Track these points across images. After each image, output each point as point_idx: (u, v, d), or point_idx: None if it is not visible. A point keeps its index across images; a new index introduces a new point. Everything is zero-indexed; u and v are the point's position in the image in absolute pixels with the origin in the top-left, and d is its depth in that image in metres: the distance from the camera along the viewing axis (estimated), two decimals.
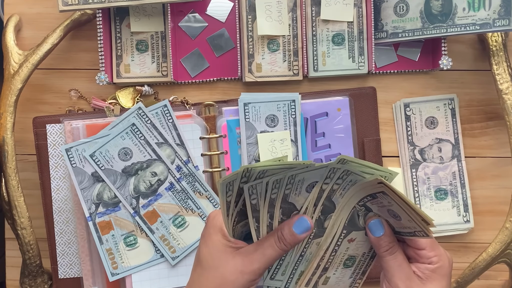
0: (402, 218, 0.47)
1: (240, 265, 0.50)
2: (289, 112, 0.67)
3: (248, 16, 0.69)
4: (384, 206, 0.48)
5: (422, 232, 0.47)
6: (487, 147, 0.73)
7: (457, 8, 0.66)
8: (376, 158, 0.70)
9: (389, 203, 0.46)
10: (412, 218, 0.46)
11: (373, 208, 0.50)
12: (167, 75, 0.70)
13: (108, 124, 0.67)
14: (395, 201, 0.46)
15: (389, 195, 0.45)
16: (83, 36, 0.73)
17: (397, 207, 0.46)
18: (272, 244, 0.50)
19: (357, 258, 0.53)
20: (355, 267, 0.53)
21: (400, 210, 0.46)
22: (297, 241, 0.50)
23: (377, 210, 0.50)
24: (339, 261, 0.52)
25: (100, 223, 0.66)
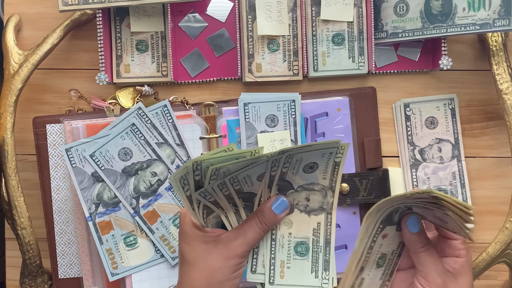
0: (449, 222, 0.48)
1: (224, 252, 0.51)
2: (289, 112, 0.67)
3: (248, 16, 0.69)
4: (430, 210, 0.48)
5: (463, 233, 0.47)
6: (487, 147, 0.73)
7: (457, 8, 0.66)
8: (376, 158, 0.70)
9: (445, 214, 0.47)
10: (458, 224, 0.46)
11: (417, 210, 0.50)
12: (167, 75, 0.70)
13: (108, 124, 0.67)
14: (451, 215, 0.46)
15: (446, 208, 0.46)
16: (83, 36, 0.73)
17: (450, 218, 0.46)
18: (253, 226, 0.52)
19: (387, 256, 0.53)
20: (385, 267, 0.54)
21: (450, 219, 0.47)
22: (277, 221, 0.53)
23: (421, 211, 0.50)
24: (373, 260, 0.53)
25: (100, 223, 0.66)
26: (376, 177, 0.69)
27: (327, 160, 0.52)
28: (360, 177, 0.69)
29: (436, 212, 0.48)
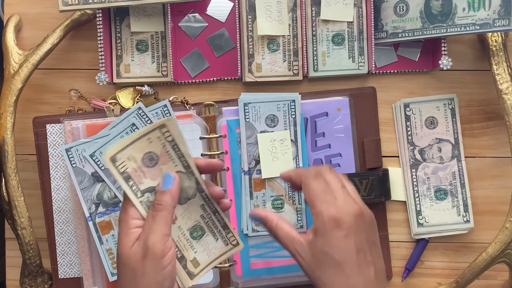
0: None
1: (139, 251, 0.50)
2: (289, 112, 0.67)
3: (248, 16, 0.69)
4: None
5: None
6: (487, 147, 0.73)
7: (457, 8, 0.66)
8: (376, 158, 0.70)
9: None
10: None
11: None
12: (167, 75, 0.70)
13: (108, 124, 0.67)
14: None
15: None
16: (83, 36, 0.73)
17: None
18: (150, 214, 0.51)
19: (200, 224, 0.56)
20: (208, 232, 0.57)
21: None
22: (171, 195, 0.52)
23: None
24: (187, 240, 0.57)
25: (100, 223, 0.66)
26: (376, 177, 0.69)
27: (163, 146, 0.52)
28: (360, 177, 0.69)
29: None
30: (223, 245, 0.57)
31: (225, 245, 0.57)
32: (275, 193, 0.67)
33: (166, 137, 0.52)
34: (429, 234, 0.71)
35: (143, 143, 0.51)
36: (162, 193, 0.52)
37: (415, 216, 0.71)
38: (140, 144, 0.51)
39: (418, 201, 0.71)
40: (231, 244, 0.57)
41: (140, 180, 0.52)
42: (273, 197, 0.67)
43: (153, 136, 0.51)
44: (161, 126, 0.51)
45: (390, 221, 0.72)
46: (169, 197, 0.52)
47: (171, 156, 0.53)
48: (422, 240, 0.72)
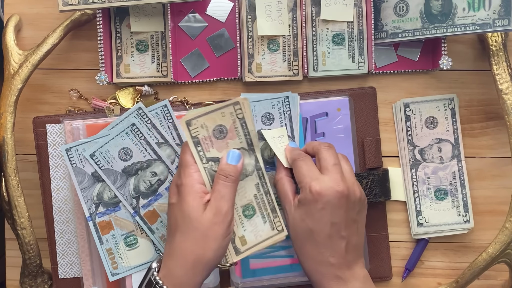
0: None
1: (211, 217, 0.55)
2: (284, 108, 0.68)
3: (248, 16, 0.69)
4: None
5: None
6: (487, 147, 0.73)
7: (457, 8, 0.66)
8: (376, 158, 0.70)
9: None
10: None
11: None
12: (167, 75, 0.70)
13: (108, 124, 0.67)
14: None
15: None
16: (83, 36, 0.73)
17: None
18: (222, 183, 0.56)
19: (253, 203, 0.62)
20: (259, 212, 0.62)
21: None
22: (239, 170, 0.57)
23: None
24: (239, 215, 0.62)
25: (100, 223, 0.66)
26: (376, 177, 0.69)
27: (233, 122, 0.58)
28: (360, 177, 0.69)
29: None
30: (269, 229, 0.61)
31: (271, 229, 0.61)
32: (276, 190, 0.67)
33: (237, 114, 0.58)
34: (429, 234, 0.71)
35: (217, 116, 0.57)
36: (234, 166, 0.57)
37: (415, 216, 0.71)
38: (214, 116, 0.57)
39: (418, 201, 0.71)
40: (276, 229, 0.61)
41: (208, 148, 0.58)
42: (275, 194, 0.67)
43: (226, 111, 0.57)
44: (236, 103, 0.57)
45: (390, 221, 0.72)
46: (238, 171, 0.57)
47: (238, 133, 0.58)
48: (422, 240, 0.72)
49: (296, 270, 0.69)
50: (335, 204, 0.57)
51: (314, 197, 0.57)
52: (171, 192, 0.58)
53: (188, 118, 0.56)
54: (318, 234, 0.57)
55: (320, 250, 0.57)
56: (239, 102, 0.57)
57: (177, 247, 0.55)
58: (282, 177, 0.61)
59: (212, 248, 0.54)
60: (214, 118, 0.57)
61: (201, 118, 0.56)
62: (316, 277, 0.58)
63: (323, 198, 0.57)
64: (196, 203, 0.55)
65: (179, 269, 0.54)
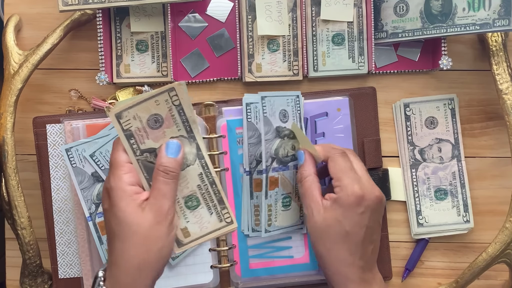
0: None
1: (152, 217, 0.52)
2: (295, 107, 0.67)
3: (248, 16, 0.69)
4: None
5: None
6: (487, 147, 0.73)
7: (457, 8, 0.66)
8: (376, 158, 0.70)
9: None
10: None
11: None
12: (167, 75, 0.70)
13: (108, 124, 0.67)
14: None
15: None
16: (83, 36, 0.73)
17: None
18: (162, 180, 0.52)
19: (196, 194, 0.58)
20: (204, 204, 0.58)
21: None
22: (179, 164, 0.54)
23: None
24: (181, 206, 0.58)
25: (100, 223, 0.66)
26: (376, 177, 0.69)
27: (169, 109, 0.53)
28: None
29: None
30: (216, 220, 0.57)
31: (219, 221, 0.57)
32: (285, 191, 0.66)
33: (173, 101, 0.53)
34: (429, 234, 0.71)
35: (150, 105, 0.52)
36: (174, 160, 0.53)
37: (415, 216, 0.71)
38: (147, 105, 0.52)
39: (418, 201, 0.71)
40: (225, 221, 0.57)
41: (142, 140, 0.53)
42: (283, 195, 0.67)
43: (161, 98, 0.53)
44: (170, 90, 0.53)
45: (390, 221, 0.72)
46: (178, 164, 0.53)
47: (176, 120, 0.54)
48: (422, 240, 0.72)
49: (295, 270, 0.69)
50: (373, 209, 0.57)
51: (357, 200, 0.56)
52: (102, 197, 0.54)
53: (117, 111, 0.52)
54: (353, 237, 0.56)
55: (352, 253, 0.56)
56: (175, 88, 0.52)
57: (119, 255, 0.52)
58: (311, 175, 0.59)
59: (156, 249, 0.52)
60: (148, 107, 0.53)
61: (133, 109, 0.52)
62: (340, 279, 0.57)
63: (365, 202, 0.56)
64: (131, 207, 0.51)
65: (125, 276, 0.51)
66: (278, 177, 0.66)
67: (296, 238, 0.69)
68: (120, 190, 0.52)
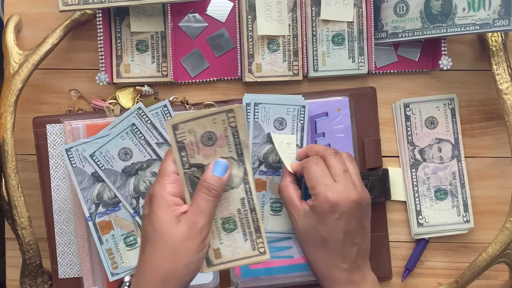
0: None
1: (186, 231, 0.52)
2: (298, 117, 0.67)
3: (248, 16, 0.69)
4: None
5: None
6: (487, 147, 0.73)
7: (457, 8, 0.66)
8: (376, 158, 0.70)
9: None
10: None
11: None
12: (167, 75, 0.70)
13: (108, 124, 0.67)
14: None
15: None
16: (83, 36, 0.73)
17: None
18: (203, 196, 0.53)
19: (235, 217, 0.58)
20: (241, 228, 0.58)
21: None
22: (223, 183, 0.54)
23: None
24: (217, 228, 0.58)
25: (100, 223, 0.66)
26: (376, 177, 0.69)
27: (224, 130, 0.54)
28: None
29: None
30: (250, 248, 0.57)
31: (252, 249, 0.57)
32: (274, 196, 0.67)
33: (230, 122, 0.54)
34: (429, 234, 0.71)
35: (207, 122, 0.53)
36: (218, 179, 0.54)
37: (415, 216, 0.71)
38: (204, 122, 0.53)
39: (418, 201, 0.71)
40: (258, 250, 0.57)
41: (193, 155, 0.54)
42: (272, 199, 0.67)
43: (218, 117, 0.53)
44: (229, 111, 0.53)
45: (390, 221, 0.72)
46: (222, 184, 0.54)
47: (229, 141, 0.55)
48: (422, 240, 0.72)
49: (295, 270, 0.69)
50: (350, 213, 0.56)
51: (330, 207, 0.56)
52: (145, 202, 0.55)
53: (175, 122, 0.53)
54: (331, 242, 0.57)
55: (333, 257, 0.57)
56: (233, 110, 0.53)
57: (146, 261, 0.53)
58: (287, 184, 0.61)
59: (183, 263, 0.52)
60: (204, 124, 0.53)
61: (190, 123, 0.53)
62: (328, 282, 0.58)
63: (339, 209, 0.56)
64: (167, 217, 0.52)
65: (148, 284, 0.52)
66: (266, 181, 0.67)
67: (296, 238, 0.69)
68: (160, 198, 0.53)
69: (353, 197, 0.56)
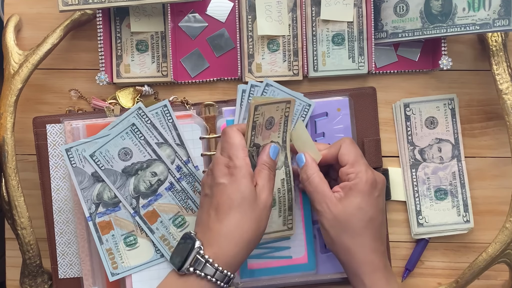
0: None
1: (265, 201, 0.57)
2: (301, 113, 0.68)
3: (248, 16, 0.69)
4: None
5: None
6: (487, 147, 0.73)
7: (457, 8, 0.66)
8: (376, 158, 0.70)
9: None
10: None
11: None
12: (167, 75, 0.70)
13: (108, 124, 0.67)
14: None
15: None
16: (83, 36, 0.73)
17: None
18: (267, 174, 0.58)
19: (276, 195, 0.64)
20: (278, 205, 0.64)
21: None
22: (275, 164, 0.60)
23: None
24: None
25: (100, 223, 0.66)
26: None
27: (280, 117, 0.60)
28: None
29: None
30: (281, 223, 0.64)
31: (282, 224, 0.63)
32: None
33: (285, 112, 0.60)
34: (429, 234, 0.71)
35: (274, 108, 0.59)
36: (274, 161, 0.60)
37: (415, 216, 0.71)
38: (272, 108, 0.59)
39: (418, 201, 0.71)
40: (287, 226, 0.64)
41: (258, 135, 0.60)
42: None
43: (280, 106, 0.60)
44: (288, 102, 0.60)
45: (390, 221, 0.72)
46: (275, 165, 0.60)
47: (280, 128, 0.61)
48: (422, 240, 0.72)
49: (295, 270, 0.69)
50: (383, 191, 0.60)
51: (372, 185, 0.58)
52: (220, 172, 0.57)
53: (258, 103, 0.57)
54: (375, 222, 0.58)
55: (375, 238, 0.58)
56: (290, 102, 0.60)
57: (233, 225, 0.55)
58: (316, 172, 0.61)
59: (262, 229, 0.57)
60: (272, 109, 0.59)
61: (266, 106, 0.58)
62: (367, 268, 0.58)
63: (379, 186, 0.59)
64: (252, 187, 0.56)
65: (233, 248, 0.55)
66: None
67: (295, 238, 0.69)
68: (244, 169, 0.56)
69: (382, 175, 0.61)
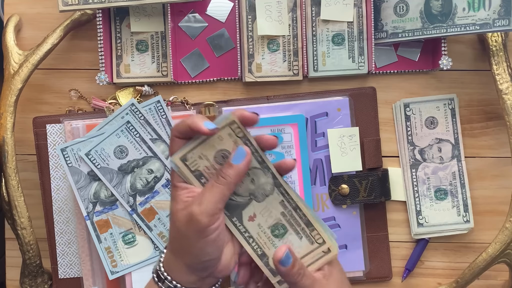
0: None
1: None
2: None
3: (248, 16, 0.69)
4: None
5: None
6: (487, 147, 0.73)
7: (457, 8, 0.66)
8: (376, 158, 0.70)
9: None
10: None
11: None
12: (167, 75, 0.70)
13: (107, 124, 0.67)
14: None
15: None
16: (83, 36, 0.73)
17: None
18: (210, 184, 0.50)
19: (281, 222, 0.55)
20: (289, 231, 0.55)
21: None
22: (237, 171, 0.50)
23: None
24: (267, 238, 0.55)
25: (98, 221, 0.66)
26: (376, 177, 0.69)
27: (234, 143, 0.51)
28: (360, 178, 0.69)
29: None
30: (308, 243, 0.55)
31: (310, 243, 0.55)
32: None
33: (237, 134, 0.51)
34: (429, 234, 0.71)
35: (214, 142, 0.51)
36: (229, 166, 0.50)
37: (415, 216, 0.71)
38: (212, 142, 0.51)
39: (418, 201, 0.71)
40: (316, 242, 0.55)
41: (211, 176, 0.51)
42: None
43: (223, 133, 0.50)
44: (231, 123, 0.50)
45: (390, 221, 0.72)
46: (235, 172, 0.50)
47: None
48: (422, 240, 0.72)
49: None
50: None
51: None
52: (187, 223, 0.51)
53: (181, 155, 0.50)
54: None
55: None
56: (235, 121, 0.50)
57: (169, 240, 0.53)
58: (304, 269, 0.54)
59: (186, 245, 0.50)
60: (212, 144, 0.51)
61: (197, 150, 0.51)
62: None
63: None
64: (176, 204, 0.51)
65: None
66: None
67: None
68: (173, 197, 0.51)
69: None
